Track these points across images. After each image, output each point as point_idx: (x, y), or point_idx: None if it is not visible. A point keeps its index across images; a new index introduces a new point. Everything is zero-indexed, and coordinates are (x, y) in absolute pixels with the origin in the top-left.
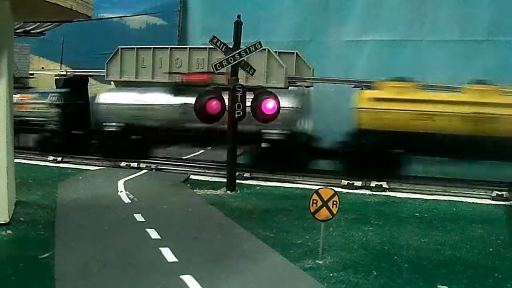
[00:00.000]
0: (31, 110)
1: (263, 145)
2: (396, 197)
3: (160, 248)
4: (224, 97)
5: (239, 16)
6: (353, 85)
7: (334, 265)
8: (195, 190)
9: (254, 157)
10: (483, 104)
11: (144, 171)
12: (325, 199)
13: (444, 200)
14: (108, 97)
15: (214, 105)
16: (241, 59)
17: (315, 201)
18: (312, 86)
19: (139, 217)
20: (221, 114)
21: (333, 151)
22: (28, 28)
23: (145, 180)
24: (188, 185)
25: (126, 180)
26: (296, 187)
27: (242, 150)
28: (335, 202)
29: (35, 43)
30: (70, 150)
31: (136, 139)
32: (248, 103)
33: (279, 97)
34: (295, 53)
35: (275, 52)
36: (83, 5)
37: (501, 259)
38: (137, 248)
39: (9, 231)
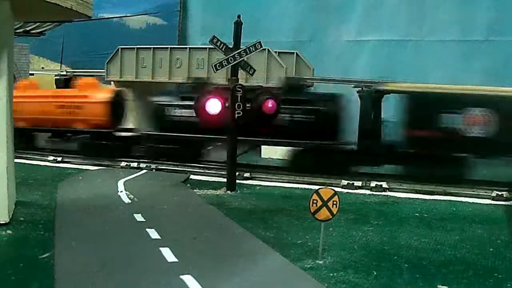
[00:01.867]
0: None
1: None
2: (396, 197)
3: (160, 248)
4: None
5: (239, 16)
6: (353, 85)
7: (334, 265)
8: (195, 190)
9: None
10: None
11: (144, 171)
12: (325, 199)
13: (444, 200)
14: None
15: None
16: (241, 59)
17: (315, 201)
18: (312, 86)
19: (139, 217)
20: (222, 115)
21: None
22: (28, 28)
23: (145, 180)
24: (188, 185)
25: (126, 180)
26: (296, 187)
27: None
28: (335, 202)
29: (35, 43)
30: None
31: None
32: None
33: None
34: (295, 53)
35: (275, 52)
36: (83, 5)
37: (501, 259)
38: (137, 248)
39: (9, 231)
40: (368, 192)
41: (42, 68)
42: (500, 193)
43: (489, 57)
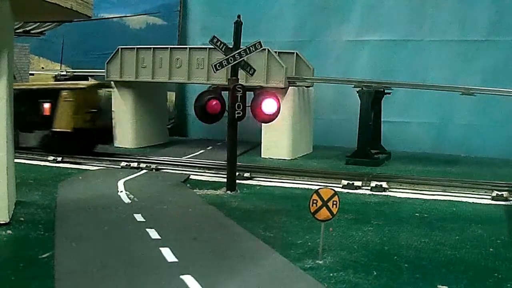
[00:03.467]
0: None
1: None
2: (396, 197)
3: (160, 248)
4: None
5: (239, 16)
6: (353, 85)
7: (334, 265)
8: (195, 190)
9: None
10: None
11: (144, 171)
12: (325, 199)
13: (444, 200)
14: None
15: (214, 105)
16: (241, 59)
17: (315, 201)
18: (312, 86)
19: (139, 217)
20: (222, 114)
21: None
22: (28, 28)
23: (145, 180)
24: (188, 185)
25: (126, 180)
26: (296, 187)
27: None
28: (335, 202)
29: (35, 43)
30: None
31: None
32: None
33: None
34: (295, 53)
35: (275, 52)
36: (83, 5)
37: (501, 259)
38: (137, 248)
39: (9, 231)
40: (368, 192)
41: (42, 68)
42: (500, 193)
43: (489, 57)
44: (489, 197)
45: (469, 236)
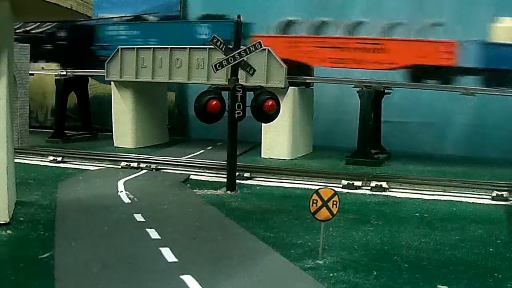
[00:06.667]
0: None
1: None
2: (396, 197)
3: (160, 248)
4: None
5: (239, 16)
6: (353, 85)
7: (334, 265)
8: (195, 190)
9: None
10: None
11: (144, 171)
12: (325, 199)
13: (444, 200)
14: None
15: (214, 105)
16: (241, 59)
17: (315, 201)
18: (312, 86)
19: (139, 217)
20: (221, 114)
21: None
22: (28, 28)
23: (145, 180)
24: (188, 185)
25: (126, 180)
26: (296, 187)
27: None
28: (335, 202)
29: None
30: None
31: None
32: None
33: None
34: None
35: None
36: (83, 5)
37: (501, 259)
38: (137, 248)
39: (9, 231)
40: (368, 192)
41: (42, 68)
42: (500, 193)
43: None
44: (489, 197)
45: (469, 236)
